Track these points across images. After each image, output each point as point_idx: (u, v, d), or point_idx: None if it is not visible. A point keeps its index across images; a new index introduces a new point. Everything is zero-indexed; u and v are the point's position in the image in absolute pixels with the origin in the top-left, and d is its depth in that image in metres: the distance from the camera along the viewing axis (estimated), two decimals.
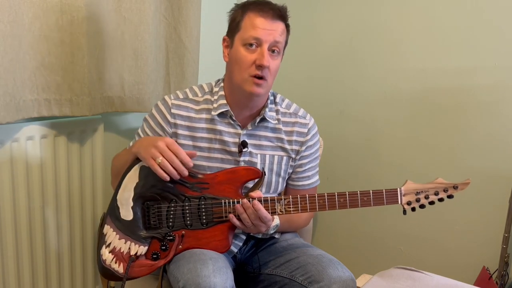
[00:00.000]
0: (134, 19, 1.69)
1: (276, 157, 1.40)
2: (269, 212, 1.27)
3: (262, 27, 1.27)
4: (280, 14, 1.30)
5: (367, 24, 2.05)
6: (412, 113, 1.99)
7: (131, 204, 1.29)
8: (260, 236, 1.45)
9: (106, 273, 1.28)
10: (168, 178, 1.24)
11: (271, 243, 1.44)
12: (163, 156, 1.23)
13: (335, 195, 1.27)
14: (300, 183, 1.47)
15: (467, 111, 1.87)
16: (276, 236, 1.45)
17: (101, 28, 1.60)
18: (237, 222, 1.26)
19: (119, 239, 1.28)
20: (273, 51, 1.29)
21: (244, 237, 1.44)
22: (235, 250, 1.43)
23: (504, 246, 1.78)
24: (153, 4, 1.72)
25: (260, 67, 1.27)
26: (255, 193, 1.27)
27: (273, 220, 1.31)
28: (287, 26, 1.34)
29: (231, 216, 1.26)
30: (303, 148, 1.43)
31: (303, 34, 2.21)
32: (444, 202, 1.99)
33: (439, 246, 2.00)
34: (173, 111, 1.36)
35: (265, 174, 1.34)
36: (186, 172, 1.25)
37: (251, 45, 1.28)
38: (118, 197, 1.31)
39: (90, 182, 1.70)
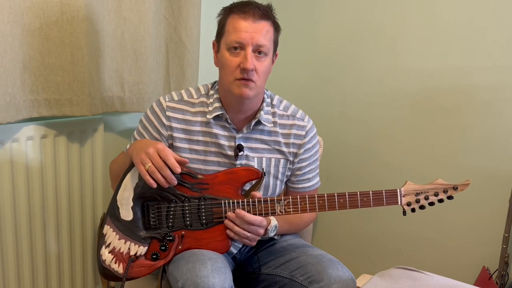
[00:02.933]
0: (134, 19, 1.69)
1: (273, 160, 1.40)
2: (269, 213, 1.27)
3: (244, 30, 1.25)
4: (263, 14, 1.27)
5: (367, 24, 2.05)
6: (412, 113, 1.99)
7: (131, 204, 1.29)
8: (260, 237, 1.45)
9: (106, 273, 1.28)
10: (155, 185, 1.23)
11: (271, 243, 1.44)
12: (152, 163, 1.22)
13: (334, 195, 1.27)
14: (301, 185, 1.47)
15: (467, 111, 1.87)
16: (276, 237, 1.45)
17: (101, 28, 1.60)
18: (235, 237, 1.26)
19: (119, 239, 1.28)
20: (259, 53, 1.27)
21: None
22: (235, 251, 1.43)
23: (504, 246, 1.79)
24: (153, 4, 1.72)
25: (244, 70, 1.25)
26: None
27: (269, 222, 1.31)
28: (274, 24, 1.31)
29: (228, 232, 1.26)
30: (301, 151, 1.42)
31: (303, 34, 2.21)
32: (444, 202, 1.99)
33: (439, 246, 2.00)
34: (168, 113, 1.35)
35: (265, 175, 1.34)
36: (175, 181, 1.24)
37: (235, 48, 1.26)
38: (118, 197, 1.31)
39: (90, 182, 1.70)
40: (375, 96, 2.07)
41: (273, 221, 1.33)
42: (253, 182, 1.33)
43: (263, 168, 1.37)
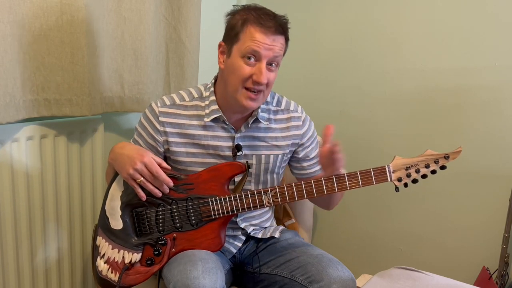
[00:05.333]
0: (134, 19, 1.69)
1: (271, 157, 1.40)
2: (257, 206, 1.27)
3: (262, 42, 1.23)
4: (281, 29, 1.27)
5: (367, 24, 2.05)
6: (412, 113, 1.99)
7: (120, 213, 1.30)
8: (260, 236, 1.45)
9: (104, 283, 1.30)
10: (145, 198, 1.26)
11: (271, 242, 1.44)
12: (144, 177, 1.24)
13: (321, 180, 1.25)
14: (314, 169, 1.48)
15: (467, 111, 1.87)
16: (276, 235, 1.45)
17: (101, 28, 1.60)
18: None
19: (112, 249, 1.29)
20: (271, 64, 1.27)
21: (243, 238, 1.44)
22: (235, 251, 1.43)
23: (504, 246, 1.78)
24: (153, 4, 1.72)
25: (257, 83, 1.25)
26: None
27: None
28: (287, 37, 1.31)
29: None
30: (304, 140, 1.44)
31: (303, 34, 2.20)
32: (444, 201, 1.99)
33: (439, 246, 2.00)
34: (161, 119, 1.35)
35: (249, 168, 1.33)
36: (167, 190, 1.26)
37: (249, 58, 1.25)
38: (106, 207, 1.32)
39: (90, 182, 1.70)
40: (375, 96, 2.07)
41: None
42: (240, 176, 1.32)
43: (247, 161, 1.36)
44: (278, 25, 1.25)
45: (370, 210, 2.13)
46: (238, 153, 1.35)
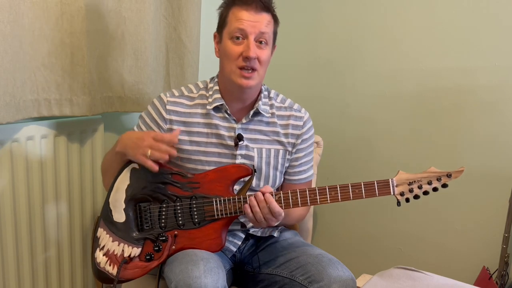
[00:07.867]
0: (134, 19, 1.69)
1: (272, 151, 1.41)
2: None
3: (247, 19, 1.28)
4: (264, 6, 1.31)
5: (368, 24, 2.05)
6: (412, 113, 1.99)
7: (123, 206, 1.30)
8: (259, 234, 1.45)
9: (101, 276, 1.29)
10: (157, 168, 1.25)
11: (271, 242, 1.44)
12: (151, 148, 1.24)
13: (325, 188, 1.26)
14: (296, 177, 1.47)
15: (467, 111, 1.87)
16: (275, 235, 1.45)
17: (101, 28, 1.60)
18: (250, 214, 1.24)
19: (113, 241, 1.29)
20: (260, 42, 1.31)
21: (243, 235, 1.44)
22: (234, 249, 1.43)
23: (504, 246, 1.78)
24: (153, 4, 1.72)
25: (247, 58, 1.28)
26: (265, 188, 1.26)
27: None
28: (274, 17, 1.35)
29: (246, 206, 1.24)
30: (299, 141, 1.44)
31: (303, 35, 2.21)
32: (444, 201, 2.00)
33: (439, 246, 2.00)
34: (168, 107, 1.38)
35: (255, 172, 1.33)
36: (174, 152, 1.25)
37: (237, 38, 1.29)
38: (110, 199, 1.32)
39: (90, 182, 1.70)
40: (375, 96, 2.07)
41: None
42: (245, 179, 1.32)
43: (253, 165, 1.37)
44: (260, 2, 1.30)
45: (370, 210, 2.13)
46: (240, 143, 1.36)
